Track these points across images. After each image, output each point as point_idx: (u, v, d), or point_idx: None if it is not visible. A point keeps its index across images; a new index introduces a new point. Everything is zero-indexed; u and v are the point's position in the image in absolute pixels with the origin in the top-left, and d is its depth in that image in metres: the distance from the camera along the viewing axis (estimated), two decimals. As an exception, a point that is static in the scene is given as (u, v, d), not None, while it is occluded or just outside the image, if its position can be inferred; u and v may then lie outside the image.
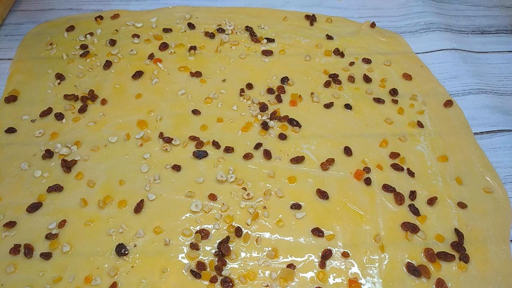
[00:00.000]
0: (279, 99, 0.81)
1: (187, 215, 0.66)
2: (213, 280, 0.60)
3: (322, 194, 0.68)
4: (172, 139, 0.74)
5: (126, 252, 0.62)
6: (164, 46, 0.88)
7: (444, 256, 0.63)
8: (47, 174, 0.70)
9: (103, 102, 0.79)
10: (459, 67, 0.88)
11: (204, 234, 0.64)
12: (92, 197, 0.68)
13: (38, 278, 0.60)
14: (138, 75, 0.83)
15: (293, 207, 0.67)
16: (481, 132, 0.78)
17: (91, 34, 0.90)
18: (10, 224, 0.64)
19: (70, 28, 0.91)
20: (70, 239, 0.63)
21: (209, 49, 0.89)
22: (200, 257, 0.62)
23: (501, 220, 0.67)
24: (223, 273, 0.60)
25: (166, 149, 0.73)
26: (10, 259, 0.61)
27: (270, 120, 0.77)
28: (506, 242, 0.65)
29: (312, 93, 0.82)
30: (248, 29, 0.92)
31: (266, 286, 0.60)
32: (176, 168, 0.71)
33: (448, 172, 0.72)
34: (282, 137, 0.75)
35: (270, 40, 0.90)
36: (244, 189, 0.69)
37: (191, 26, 0.92)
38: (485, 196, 0.70)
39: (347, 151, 0.74)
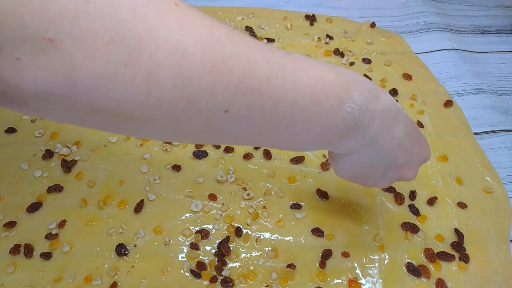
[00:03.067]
0: (279, 99, 0.80)
1: (187, 215, 0.66)
2: (213, 280, 0.60)
3: (322, 194, 0.68)
4: (172, 139, 0.74)
5: (126, 252, 0.62)
6: (164, 46, 0.88)
7: (444, 256, 0.63)
8: (47, 174, 0.70)
9: (103, 102, 0.79)
10: (459, 67, 0.88)
11: (204, 234, 0.64)
12: (92, 197, 0.67)
13: (38, 278, 0.60)
14: (138, 75, 0.83)
15: (293, 207, 0.67)
16: (481, 132, 0.78)
17: (91, 34, 0.90)
18: (10, 224, 0.64)
19: (70, 28, 0.91)
20: (70, 239, 0.63)
21: (209, 49, 0.89)
22: (200, 257, 0.62)
23: (501, 220, 0.67)
24: (223, 273, 0.60)
25: (166, 149, 0.73)
26: (10, 259, 0.61)
27: (270, 120, 0.77)
28: (506, 242, 0.65)
29: (312, 93, 0.82)
30: (248, 29, 0.92)
31: (266, 286, 0.60)
32: (176, 168, 0.71)
33: (448, 172, 0.72)
34: (282, 137, 0.75)
35: (270, 40, 0.90)
36: (244, 189, 0.69)
37: (191, 26, 0.92)
38: (485, 196, 0.70)
39: (347, 151, 0.74)
